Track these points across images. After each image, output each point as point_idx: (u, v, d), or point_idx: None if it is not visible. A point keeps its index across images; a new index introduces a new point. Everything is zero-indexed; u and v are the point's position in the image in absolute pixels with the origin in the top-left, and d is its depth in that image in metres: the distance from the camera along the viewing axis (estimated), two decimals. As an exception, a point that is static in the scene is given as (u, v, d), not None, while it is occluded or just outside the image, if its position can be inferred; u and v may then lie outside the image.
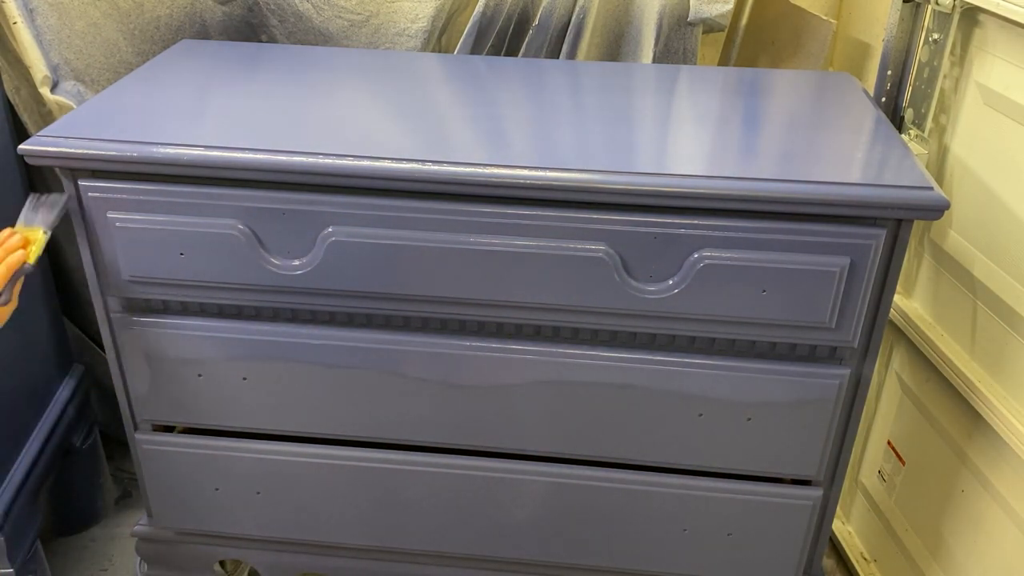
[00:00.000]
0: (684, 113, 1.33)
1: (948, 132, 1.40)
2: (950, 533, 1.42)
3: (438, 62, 1.51)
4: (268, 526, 1.40)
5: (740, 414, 1.21)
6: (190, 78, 1.36)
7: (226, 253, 1.16)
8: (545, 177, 1.07)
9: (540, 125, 1.24)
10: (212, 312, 1.24)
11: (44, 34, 1.44)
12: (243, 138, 1.15)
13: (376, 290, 1.17)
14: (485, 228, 1.11)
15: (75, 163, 1.13)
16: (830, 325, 1.13)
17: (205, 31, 1.65)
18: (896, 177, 1.07)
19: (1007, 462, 1.26)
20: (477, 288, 1.15)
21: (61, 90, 1.47)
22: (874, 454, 1.66)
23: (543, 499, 1.32)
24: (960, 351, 1.38)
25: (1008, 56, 1.24)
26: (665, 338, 1.19)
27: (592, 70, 1.48)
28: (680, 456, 1.26)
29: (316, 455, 1.32)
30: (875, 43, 1.67)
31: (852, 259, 1.08)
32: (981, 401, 1.29)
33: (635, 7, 1.67)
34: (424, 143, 1.17)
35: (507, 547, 1.37)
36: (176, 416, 1.32)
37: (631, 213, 1.09)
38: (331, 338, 1.22)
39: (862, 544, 1.73)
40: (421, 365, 1.23)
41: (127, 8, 1.54)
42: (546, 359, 1.20)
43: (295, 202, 1.13)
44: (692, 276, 1.11)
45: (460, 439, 1.29)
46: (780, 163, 1.14)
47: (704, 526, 1.31)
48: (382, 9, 1.62)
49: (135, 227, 1.16)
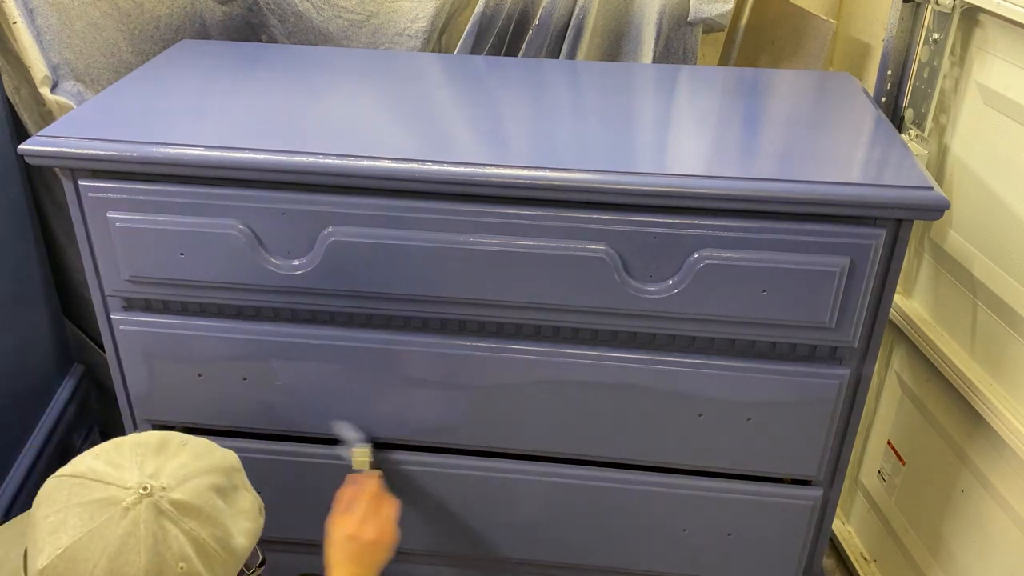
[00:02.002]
0: (684, 113, 1.33)
1: (948, 132, 1.40)
2: (950, 533, 1.42)
3: (438, 62, 1.51)
4: (268, 526, 1.39)
5: (740, 414, 1.21)
6: (190, 78, 1.36)
7: (226, 253, 1.16)
8: (545, 177, 1.07)
9: (540, 125, 1.24)
10: (212, 312, 1.24)
11: (44, 34, 1.44)
12: (243, 138, 1.15)
13: (376, 290, 1.17)
14: (485, 228, 1.11)
15: (75, 163, 1.13)
16: (830, 325, 1.13)
17: (205, 31, 1.65)
18: (896, 177, 1.07)
19: (1007, 462, 1.26)
20: (477, 288, 1.15)
21: (61, 90, 1.47)
22: (874, 454, 1.66)
23: (543, 499, 1.32)
24: (960, 351, 1.38)
25: (1008, 56, 1.24)
26: (665, 338, 1.19)
27: (592, 70, 1.48)
28: (680, 456, 1.26)
29: (316, 455, 1.32)
30: (875, 43, 1.67)
31: (852, 259, 1.08)
32: (981, 401, 1.29)
33: (635, 7, 1.67)
34: (424, 143, 1.17)
35: (507, 547, 1.37)
36: (176, 416, 1.32)
37: (631, 213, 1.09)
38: (331, 338, 1.22)
39: (862, 544, 1.73)
40: (421, 365, 1.23)
41: (127, 8, 1.54)
42: (546, 359, 1.20)
43: (295, 202, 1.13)
44: (692, 276, 1.11)
45: (460, 439, 1.29)
46: (780, 163, 1.13)
47: (704, 526, 1.31)
48: (382, 9, 1.62)
49: (135, 227, 1.16)
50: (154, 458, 0.89)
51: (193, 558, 0.85)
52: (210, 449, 0.95)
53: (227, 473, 0.93)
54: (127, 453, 0.89)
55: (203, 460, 0.91)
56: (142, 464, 0.88)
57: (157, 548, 0.84)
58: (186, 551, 0.85)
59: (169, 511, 0.85)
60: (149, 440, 0.91)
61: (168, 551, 0.84)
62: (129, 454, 0.89)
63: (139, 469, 0.87)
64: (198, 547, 0.86)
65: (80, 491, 0.85)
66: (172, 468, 0.88)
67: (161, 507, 0.85)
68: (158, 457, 0.89)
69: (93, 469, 0.87)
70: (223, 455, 0.95)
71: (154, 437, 0.92)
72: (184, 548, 0.85)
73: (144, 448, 0.90)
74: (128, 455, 0.89)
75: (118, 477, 0.86)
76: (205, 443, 0.95)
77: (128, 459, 0.88)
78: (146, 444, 0.91)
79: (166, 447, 0.91)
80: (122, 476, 0.86)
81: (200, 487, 0.88)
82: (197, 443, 0.94)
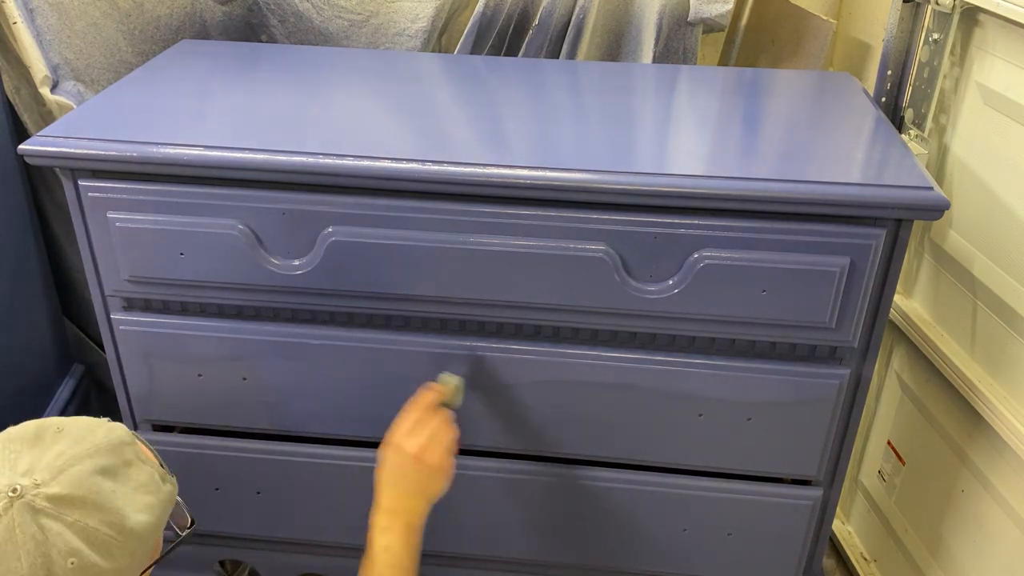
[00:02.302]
0: (684, 113, 1.33)
1: (948, 132, 1.40)
2: (950, 533, 1.42)
3: (438, 62, 1.51)
4: (268, 526, 1.40)
5: (740, 414, 1.21)
6: (190, 78, 1.36)
7: (226, 253, 1.16)
8: (545, 177, 1.07)
9: (540, 125, 1.24)
10: (212, 312, 1.24)
11: (44, 34, 1.44)
12: (243, 138, 1.15)
13: (376, 290, 1.17)
14: (485, 228, 1.11)
15: (75, 163, 1.13)
16: (830, 325, 1.13)
17: (205, 31, 1.65)
18: (896, 177, 1.07)
19: (1007, 462, 1.26)
20: (477, 288, 1.15)
21: (61, 90, 1.47)
22: (874, 454, 1.66)
23: (543, 499, 1.32)
24: (960, 351, 1.38)
25: (1008, 56, 1.24)
26: (665, 338, 1.19)
27: (592, 70, 1.48)
28: (680, 456, 1.26)
29: (316, 455, 1.32)
30: (875, 43, 1.67)
31: (852, 259, 1.08)
32: (981, 401, 1.29)
33: (635, 7, 1.67)
34: (424, 143, 1.17)
35: (507, 547, 1.37)
36: (176, 416, 1.32)
37: (631, 213, 1.09)
38: (331, 338, 1.22)
39: (862, 544, 1.73)
40: (421, 365, 1.23)
41: (127, 8, 1.54)
42: (546, 359, 1.20)
43: (295, 202, 1.13)
44: (692, 276, 1.11)
45: (460, 439, 1.28)
46: (780, 163, 1.13)
47: (704, 526, 1.31)
48: (382, 9, 1.62)
49: (135, 227, 1.16)
50: (29, 452, 0.84)
51: (84, 550, 0.81)
52: (91, 428, 0.88)
53: (114, 450, 0.87)
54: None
55: (83, 444, 0.86)
56: (15, 462, 0.82)
57: (40, 550, 0.79)
58: (74, 545, 0.80)
59: (46, 508, 0.80)
60: (24, 433, 0.86)
61: (53, 549, 0.79)
62: (2, 453, 0.84)
63: (11, 469, 0.82)
64: (88, 537, 0.81)
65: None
66: (48, 460, 0.83)
67: (36, 506, 0.80)
68: (33, 450, 0.84)
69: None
70: (107, 431, 0.89)
71: (29, 429, 0.86)
72: (71, 542, 0.80)
73: (19, 443, 0.85)
74: (1, 454, 0.84)
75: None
76: (86, 423, 0.89)
77: (0, 458, 0.83)
78: (20, 438, 0.85)
79: (41, 438, 0.85)
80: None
81: (81, 474, 0.83)
82: (76, 426, 0.88)
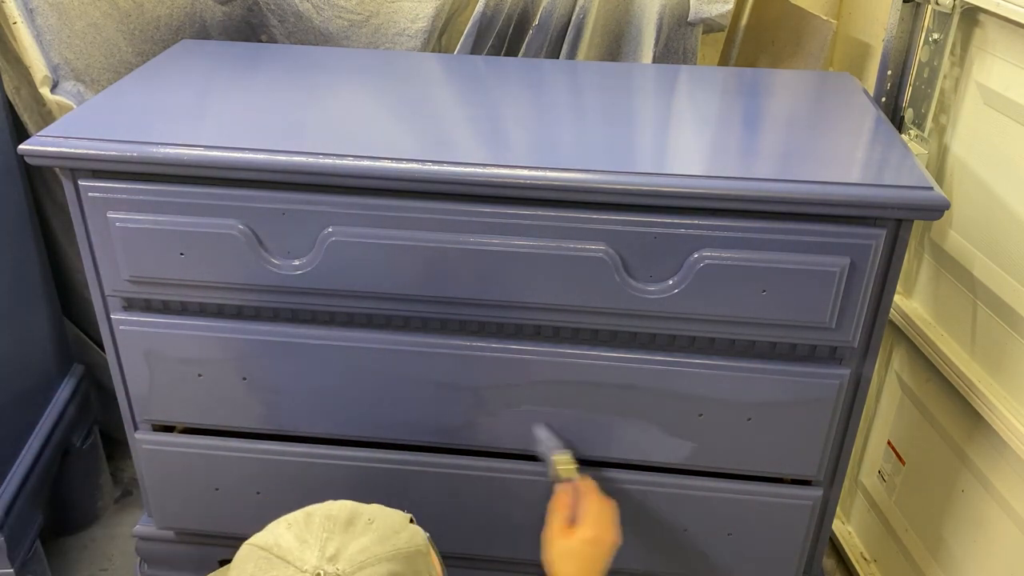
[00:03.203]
0: (684, 113, 1.33)
1: (948, 132, 1.40)
2: (950, 533, 1.42)
3: (438, 62, 1.51)
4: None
5: (740, 414, 1.21)
6: (190, 78, 1.36)
7: (226, 253, 1.16)
8: (545, 177, 1.07)
9: (540, 125, 1.24)
10: (212, 312, 1.24)
11: (44, 34, 1.44)
12: (243, 138, 1.15)
13: (376, 290, 1.17)
14: (485, 228, 1.11)
15: (75, 163, 1.13)
16: (830, 325, 1.13)
17: (205, 31, 1.65)
18: (896, 177, 1.07)
19: (1007, 462, 1.26)
20: (477, 288, 1.15)
21: (61, 90, 1.47)
22: (874, 454, 1.66)
23: (543, 499, 1.32)
24: (960, 351, 1.38)
25: (1008, 56, 1.24)
26: (665, 338, 1.19)
27: (592, 70, 1.48)
28: (680, 456, 1.26)
29: (316, 455, 1.32)
30: (875, 43, 1.67)
31: (852, 259, 1.08)
32: (981, 401, 1.29)
33: (635, 7, 1.67)
34: (424, 143, 1.17)
35: (507, 547, 1.37)
36: (176, 416, 1.32)
37: (631, 213, 1.09)
38: (331, 338, 1.22)
39: (862, 544, 1.73)
40: (421, 365, 1.23)
41: (127, 8, 1.54)
42: (546, 359, 1.20)
43: (295, 202, 1.13)
44: (692, 276, 1.11)
45: (460, 439, 1.29)
46: (780, 163, 1.14)
47: (704, 526, 1.31)
48: (382, 9, 1.62)
49: (135, 227, 1.16)
50: (340, 535, 0.88)
51: None
52: (396, 530, 0.92)
53: (409, 559, 0.90)
54: (315, 528, 0.89)
55: (386, 544, 0.89)
56: (325, 543, 0.87)
57: None
58: None
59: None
60: (339, 514, 0.90)
61: None
62: (317, 530, 0.88)
63: (320, 549, 0.86)
64: None
65: (264, 565, 0.85)
66: (353, 551, 0.87)
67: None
68: (344, 535, 0.88)
69: (279, 544, 0.87)
70: (410, 537, 0.92)
71: (344, 511, 0.91)
72: None
73: (333, 523, 0.89)
74: (316, 531, 0.88)
75: (299, 557, 0.85)
76: (395, 521, 0.93)
77: (315, 535, 0.88)
78: (335, 518, 0.90)
79: (354, 523, 0.90)
80: (303, 556, 0.85)
81: (376, 575, 0.86)
82: (385, 522, 0.92)
